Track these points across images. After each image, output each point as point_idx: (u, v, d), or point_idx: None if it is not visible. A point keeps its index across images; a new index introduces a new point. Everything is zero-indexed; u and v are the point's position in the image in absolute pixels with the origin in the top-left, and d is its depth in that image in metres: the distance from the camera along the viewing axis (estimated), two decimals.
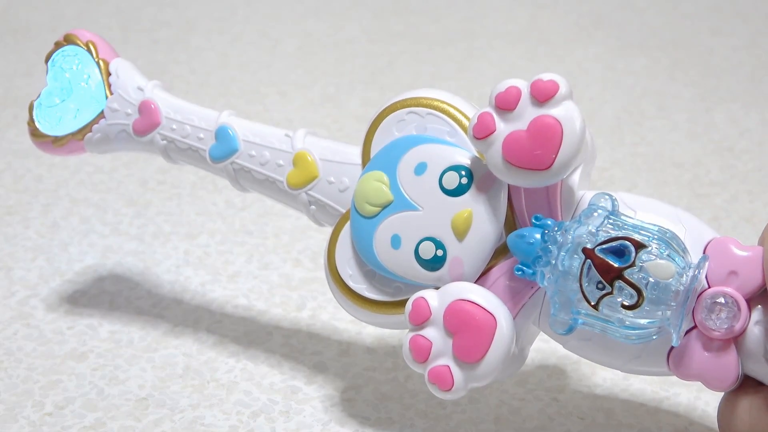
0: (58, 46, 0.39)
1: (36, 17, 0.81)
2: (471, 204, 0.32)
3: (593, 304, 0.30)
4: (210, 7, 0.84)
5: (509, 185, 0.32)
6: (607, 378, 0.38)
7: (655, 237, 0.29)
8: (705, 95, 0.67)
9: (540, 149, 0.30)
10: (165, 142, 0.37)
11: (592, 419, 0.36)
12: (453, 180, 0.32)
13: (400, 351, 0.40)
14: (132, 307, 0.43)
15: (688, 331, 0.30)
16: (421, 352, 0.32)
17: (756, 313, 0.30)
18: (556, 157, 0.30)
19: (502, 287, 0.32)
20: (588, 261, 0.30)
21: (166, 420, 0.36)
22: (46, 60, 0.39)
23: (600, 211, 0.30)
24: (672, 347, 0.30)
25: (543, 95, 0.30)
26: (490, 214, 0.32)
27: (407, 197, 0.33)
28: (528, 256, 0.31)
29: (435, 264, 0.32)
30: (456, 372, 0.32)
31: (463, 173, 0.32)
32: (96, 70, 0.39)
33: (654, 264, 0.29)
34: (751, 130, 0.62)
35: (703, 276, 0.30)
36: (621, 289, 0.29)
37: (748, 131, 0.62)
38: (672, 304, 0.29)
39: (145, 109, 0.37)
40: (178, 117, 0.37)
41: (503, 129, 0.31)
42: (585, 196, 0.32)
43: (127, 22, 0.80)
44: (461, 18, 0.83)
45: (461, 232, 0.32)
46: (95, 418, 0.36)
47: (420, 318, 0.32)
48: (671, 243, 0.29)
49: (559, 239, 0.30)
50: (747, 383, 0.30)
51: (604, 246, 0.30)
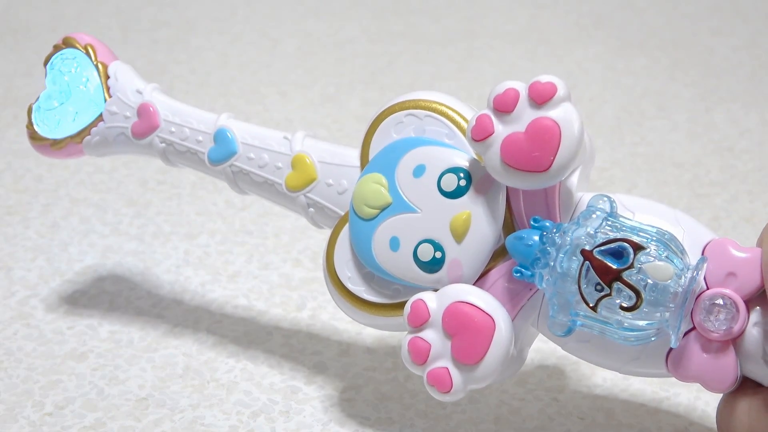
0: (56, 49, 0.39)
1: (36, 17, 0.80)
2: (469, 206, 0.32)
3: (592, 305, 0.30)
4: (210, 7, 0.84)
5: (508, 187, 0.32)
6: (607, 378, 0.38)
7: (654, 238, 0.29)
8: (705, 95, 0.67)
9: (538, 151, 0.30)
10: (164, 145, 0.37)
11: (592, 419, 0.36)
12: (451, 182, 0.32)
13: (399, 352, 0.40)
14: (132, 307, 0.43)
15: (686, 333, 0.30)
16: (420, 354, 0.32)
17: (754, 315, 0.30)
18: (554, 159, 0.30)
19: (500, 289, 0.32)
20: (586, 263, 0.30)
21: (166, 420, 0.36)
22: (44, 63, 0.39)
23: (598, 213, 0.30)
24: (671, 349, 0.30)
25: (541, 97, 0.30)
26: (488, 216, 0.32)
27: (406, 199, 0.33)
28: (526, 257, 0.31)
29: (434, 266, 0.32)
30: (455, 374, 0.32)
31: (462, 175, 0.32)
32: (95, 73, 0.39)
33: (652, 266, 0.29)
34: (751, 130, 0.62)
35: (702, 277, 0.30)
36: (619, 291, 0.29)
37: (748, 131, 0.62)
38: (670, 305, 0.29)
39: (144, 112, 0.37)
40: (176, 120, 0.37)
41: (501, 131, 0.31)
42: (583, 197, 0.32)
43: (127, 22, 0.80)
44: (461, 18, 0.83)
45: (460, 234, 0.32)
46: (95, 418, 0.36)
47: (419, 320, 0.32)
48: (670, 244, 0.29)
49: (558, 241, 0.30)
50: (746, 384, 0.30)
51: (602, 248, 0.30)
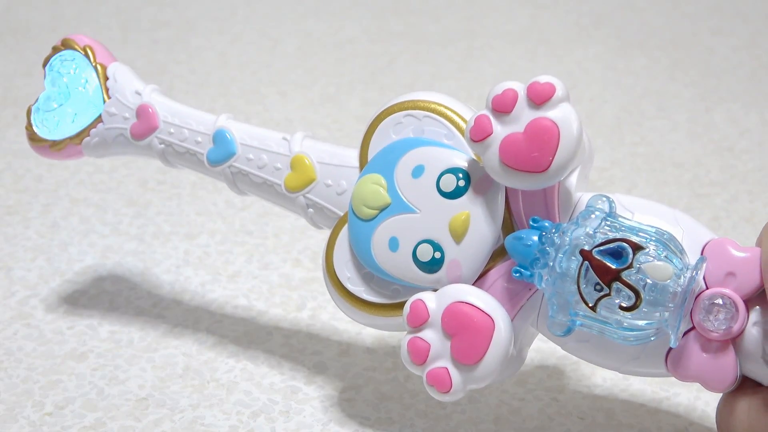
0: (55, 50, 0.39)
1: (36, 17, 0.80)
2: (468, 206, 0.32)
3: (591, 305, 0.30)
4: (210, 7, 0.84)
5: (507, 187, 0.32)
6: (607, 378, 0.38)
7: (653, 238, 0.29)
8: (705, 95, 0.67)
9: (537, 151, 0.30)
10: (163, 146, 0.37)
11: (592, 419, 0.36)
12: (450, 182, 0.32)
13: (399, 352, 0.40)
14: (132, 307, 0.43)
15: (686, 333, 0.30)
16: (420, 354, 0.32)
17: (754, 314, 0.30)
18: (553, 160, 0.30)
19: (500, 289, 0.32)
20: (586, 263, 0.30)
21: (166, 420, 0.36)
22: (43, 65, 0.39)
23: (597, 213, 0.30)
24: (670, 348, 0.30)
25: (540, 97, 0.30)
26: (487, 216, 0.32)
27: (405, 200, 0.33)
28: (526, 258, 0.31)
29: (433, 266, 0.32)
30: (454, 374, 0.32)
31: (461, 176, 0.32)
32: (93, 74, 0.39)
33: (652, 265, 0.29)
34: (751, 130, 0.62)
35: (701, 277, 0.30)
36: (619, 291, 0.29)
37: (748, 131, 0.62)
38: (670, 305, 0.29)
39: (143, 113, 0.37)
40: (175, 121, 0.37)
41: (500, 131, 0.31)
42: (582, 198, 0.32)
43: (127, 22, 0.80)
44: (461, 18, 0.83)
45: (459, 234, 0.32)
46: (95, 418, 0.36)
47: (418, 320, 0.32)
48: (669, 244, 0.29)
49: (557, 241, 0.30)
50: (745, 384, 0.30)
51: (601, 248, 0.30)
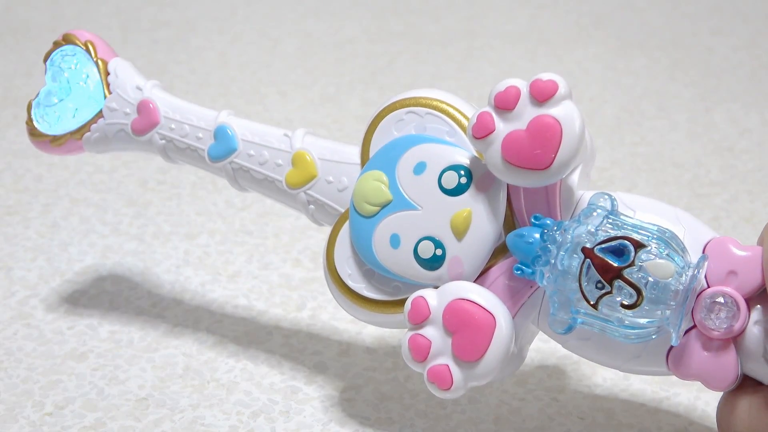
0: (56, 45, 0.39)
1: (36, 17, 0.80)
2: (470, 203, 0.32)
3: (592, 303, 0.30)
4: (210, 7, 0.84)
5: (508, 185, 0.32)
6: (607, 378, 0.38)
7: (655, 236, 0.29)
8: (705, 95, 0.67)
9: (539, 149, 0.30)
10: (164, 141, 0.37)
11: (592, 419, 0.36)
12: (452, 179, 0.32)
13: (400, 351, 0.40)
14: (132, 307, 0.43)
15: (687, 331, 0.30)
16: (421, 351, 0.32)
17: (755, 313, 0.30)
18: (555, 157, 0.30)
19: (501, 286, 0.32)
20: (587, 260, 0.30)
21: (166, 420, 0.36)
22: (44, 59, 0.39)
23: (599, 211, 0.30)
24: (671, 347, 0.30)
25: (542, 95, 0.30)
26: (489, 213, 0.32)
27: (406, 197, 0.33)
28: (527, 255, 0.31)
29: (434, 263, 0.32)
30: (455, 371, 0.32)
31: (463, 173, 0.32)
32: (95, 69, 0.39)
33: (653, 263, 0.29)
34: (751, 130, 0.62)
35: (703, 275, 0.30)
36: (620, 289, 0.29)
37: (748, 131, 0.62)
38: (671, 303, 0.29)
39: (144, 109, 0.37)
40: (176, 116, 0.37)
41: (502, 129, 0.31)
42: (584, 195, 0.32)
43: (127, 22, 0.80)
44: (461, 18, 0.83)
45: (460, 231, 0.32)
46: (95, 418, 0.36)
47: (419, 317, 0.32)
48: (670, 242, 0.29)
49: (559, 239, 0.30)
50: (746, 383, 0.30)
51: (603, 245, 0.30)
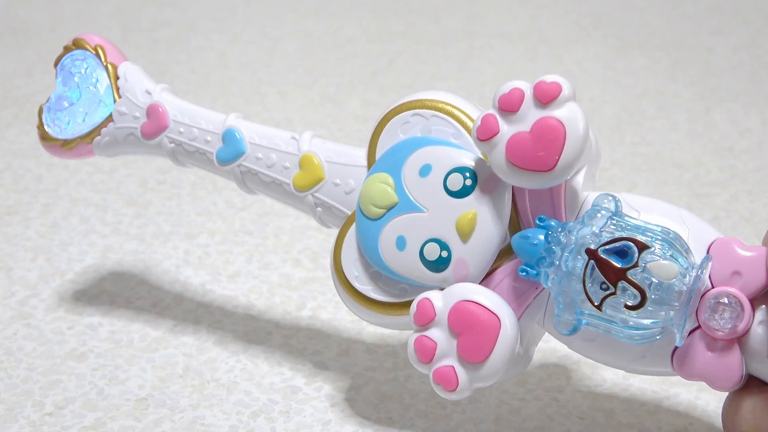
0: (66, 50, 0.39)
1: (36, 17, 0.80)
2: (475, 205, 0.32)
3: (597, 304, 0.30)
4: (210, 7, 0.84)
5: (513, 186, 0.32)
6: (607, 378, 0.38)
7: (659, 237, 0.29)
8: (705, 95, 0.67)
9: (543, 151, 0.30)
10: (173, 145, 0.37)
11: (592, 419, 0.36)
12: (457, 181, 0.32)
13: (400, 351, 0.40)
14: (132, 307, 0.43)
15: (691, 332, 0.30)
16: (426, 352, 0.32)
17: (760, 313, 0.30)
18: (559, 159, 0.30)
19: (506, 288, 0.32)
20: (591, 262, 0.30)
21: (166, 420, 0.36)
22: (55, 64, 0.40)
23: (603, 212, 0.30)
24: (676, 347, 0.30)
25: (546, 97, 0.30)
26: (494, 215, 0.32)
27: (412, 199, 0.33)
28: (532, 257, 0.31)
29: (440, 265, 0.32)
30: (461, 372, 0.32)
31: (468, 175, 0.32)
32: (104, 73, 0.39)
33: (657, 264, 0.29)
34: (751, 130, 0.62)
35: (707, 276, 0.30)
36: (624, 290, 0.29)
37: (748, 131, 0.62)
38: (675, 304, 0.29)
39: (153, 113, 0.38)
40: (185, 120, 0.37)
41: (507, 131, 0.31)
42: (589, 197, 0.32)
43: (127, 22, 0.80)
44: (461, 18, 0.83)
45: (466, 233, 0.32)
46: (95, 418, 0.36)
47: (425, 319, 0.32)
48: (674, 243, 0.29)
49: (563, 240, 0.30)
50: (751, 383, 0.30)
51: (607, 247, 0.30)
